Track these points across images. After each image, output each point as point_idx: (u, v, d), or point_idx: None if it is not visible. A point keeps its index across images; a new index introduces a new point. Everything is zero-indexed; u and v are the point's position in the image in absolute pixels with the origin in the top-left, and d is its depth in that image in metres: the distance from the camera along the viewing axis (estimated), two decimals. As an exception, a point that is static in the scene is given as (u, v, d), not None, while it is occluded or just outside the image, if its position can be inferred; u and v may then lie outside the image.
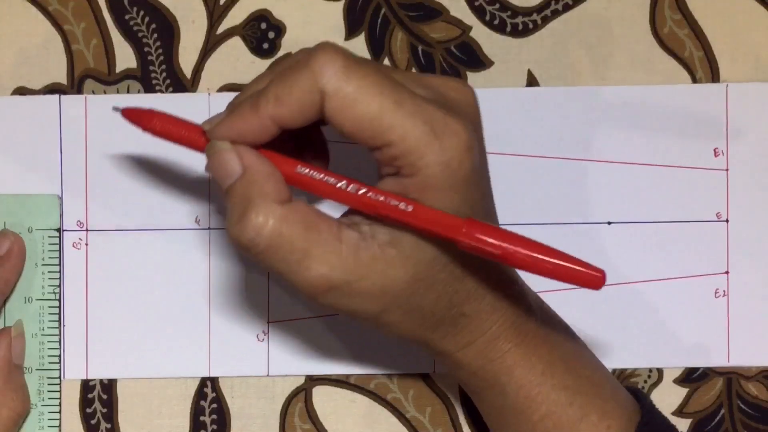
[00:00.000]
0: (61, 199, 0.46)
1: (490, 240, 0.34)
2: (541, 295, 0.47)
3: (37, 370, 0.46)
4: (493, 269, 0.38)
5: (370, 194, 0.35)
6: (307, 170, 0.36)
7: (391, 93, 0.34)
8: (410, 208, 0.34)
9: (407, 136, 0.34)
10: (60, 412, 0.46)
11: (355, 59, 0.34)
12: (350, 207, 0.36)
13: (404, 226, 0.35)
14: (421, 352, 0.47)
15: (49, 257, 0.46)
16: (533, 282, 0.40)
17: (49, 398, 0.46)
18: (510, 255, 0.34)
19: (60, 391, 0.46)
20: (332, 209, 0.37)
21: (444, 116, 0.34)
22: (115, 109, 0.38)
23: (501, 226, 0.36)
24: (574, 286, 0.34)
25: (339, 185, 0.35)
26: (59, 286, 0.46)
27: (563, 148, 0.47)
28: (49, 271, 0.46)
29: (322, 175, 0.36)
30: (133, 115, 0.38)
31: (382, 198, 0.35)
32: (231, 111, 0.36)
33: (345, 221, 0.36)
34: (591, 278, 0.34)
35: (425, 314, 0.37)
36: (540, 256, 0.34)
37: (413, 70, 0.47)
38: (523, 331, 0.39)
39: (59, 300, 0.46)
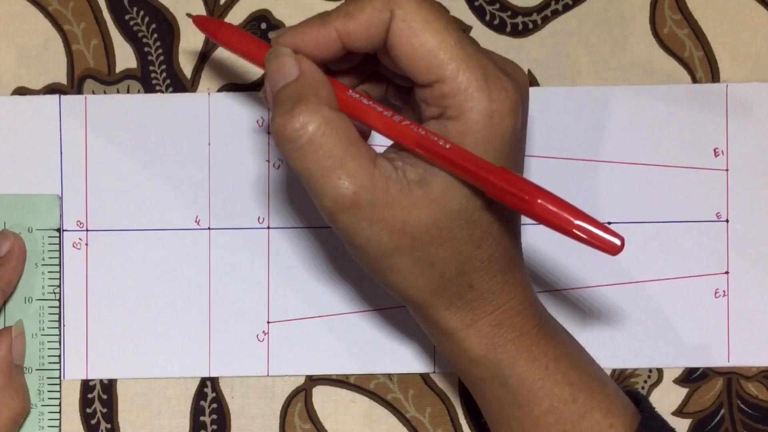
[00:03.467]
0: (61, 199, 0.46)
1: (519, 186, 0.34)
2: (541, 295, 0.47)
3: (37, 370, 0.46)
4: (508, 252, 0.38)
5: (412, 127, 0.36)
6: (358, 95, 0.37)
7: (455, 33, 0.35)
8: (448, 146, 0.35)
9: (460, 76, 0.35)
10: (60, 412, 0.46)
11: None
12: (392, 138, 0.37)
13: (439, 164, 0.35)
14: (421, 352, 0.47)
15: (49, 257, 0.46)
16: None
17: (49, 398, 0.46)
18: (535, 205, 0.34)
19: (60, 391, 0.46)
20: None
21: (498, 72, 0.36)
22: (188, 15, 0.42)
23: None
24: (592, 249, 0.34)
25: (385, 113, 0.36)
26: (59, 286, 0.46)
27: (563, 148, 0.47)
28: (49, 271, 0.46)
29: (370, 102, 0.37)
30: (202, 23, 0.40)
31: (422, 131, 0.36)
32: (299, 24, 0.37)
33: (384, 153, 0.37)
34: (609, 244, 0.34)
35: (434, 271, 0.37)
36: (562, 213, 0.34)
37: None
38: (528, 324, 0.39)
39: (59, 300, 0.46)
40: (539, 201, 0.34)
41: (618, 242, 0.34)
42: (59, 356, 0.46)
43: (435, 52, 0.35)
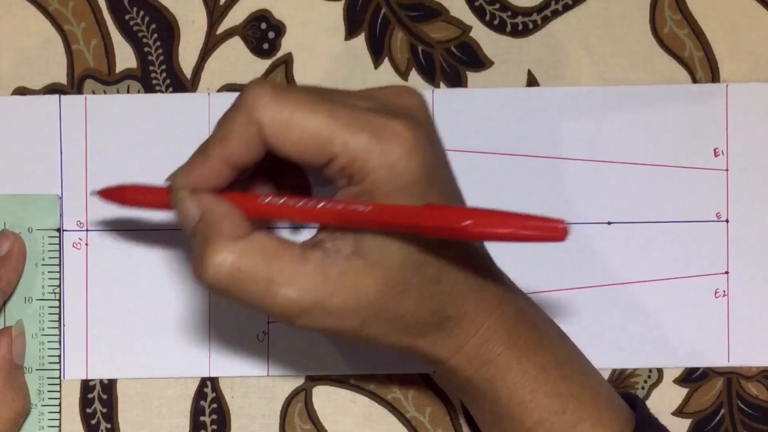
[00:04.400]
0: (61, 199, 0.46)
1: (446, 217, 0.34)
2: (541, 295, 0.47)
3: (37, 370, 0.46)
4: (472, 270, 0.38)
5: (329, 205, 0.36)
6: (269, 199, 0.37)
7: (324, 109, 0.35)
8: (369, 208, 0.35)
9: (348, 145, 0.35)
10: (60, 412, 0.46)
11: (283, 87, 0.35)
12: (317, 224, 0.37)
13: (368, 229, 0.35)
14: (421, 352, 0.47)
15: (49, 257, 0.46)
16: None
17: (49, 398, 0.46)
18: (468, 230, 0.33)
19: (60, 391, 0.46)
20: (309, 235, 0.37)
21: (383, 120, 0.35)
22: (92, 193, 0.41)
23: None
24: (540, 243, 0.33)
25: (299, 205, 0.36)
26: (59, 286, 0.46)
27: (563, 148, 0.47)
28: (49, 271, 0.46)
29: (283, 200, 0.36)
30: (107, 195, 0.40)
31: (341, 206, 0.35)
32: (186, 161, 0.37)
33: (309, 243, 0.37)
34: (553, 230, 0.33)
35: (408, 322, 0.37)
36: (495, 228, 0.33)
37: (413, 70, 0.47)
38: (515, 334, 0.39)
39: (59, 300, 0.46)
40: (467, 222, 0.33)
41: (561, 225, 0.32)
42: (59, 356, 0.46)
43: (314, 138, 0.35)
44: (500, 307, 0.39)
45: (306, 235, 0.38)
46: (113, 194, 0.40)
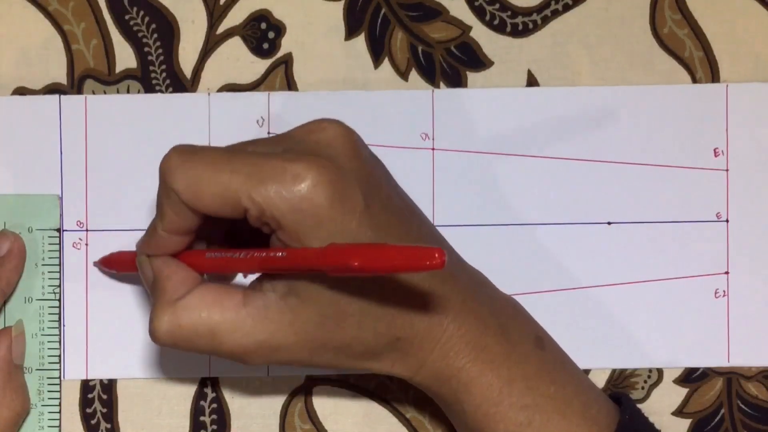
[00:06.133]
0: (61, 199, 0.46)
1: (336, 259, 0.34)
2: (540, 295, 0.47)
3: (37, 370, 0.46)
4: (421, 288, 0.38)
5: (255, 254, 0.37)
6: (214, 254, 0.39)
7: (227, 165, 0.36)
8: (284, 254, 0.36)
9: (253, 197, 0.36)
10: (60, 412, 0.46)
11: (189, 150, 0.37)
12: (248, 272, 0.40)
13: (289, 272, 0.37)
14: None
15: (49, 257, 0.46)
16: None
17: (49, 398, 0.46)
18: (358, 267, 0.34)
19: (60, 392, 0.46)
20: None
21: (284, 164, 0.35)
22: (95, 264, 0.46)
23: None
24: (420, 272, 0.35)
25: (235, 256, 0.38)
26: (59, 286, 0.46)
27: (563, 148, 0.47)
28: (49, 272, 0.46)
29: (224, 254, 0.38)
30: (106, 264, 0.46)
31: (263, 254, 0.37)
32: (144, 232, 0.40)
33: (250, 286, 0.38)
34: (430, 258, 0.33)
35: (356, 348, 0.38)
36: (380, 263, 0.33)
37: (413, 70, 0.47)
38: (477, 346, 0.39)
39: (59, 300, 0.46)
40: (355, 263, 0.33)
41: (437, 253, 0.32)
42: (59, 356, 0.46)
43: (223, 194, 0.36)
44: (457, 320, 0.39)
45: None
46: (106, 263, 0.45)
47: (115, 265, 0.45)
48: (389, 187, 0.39)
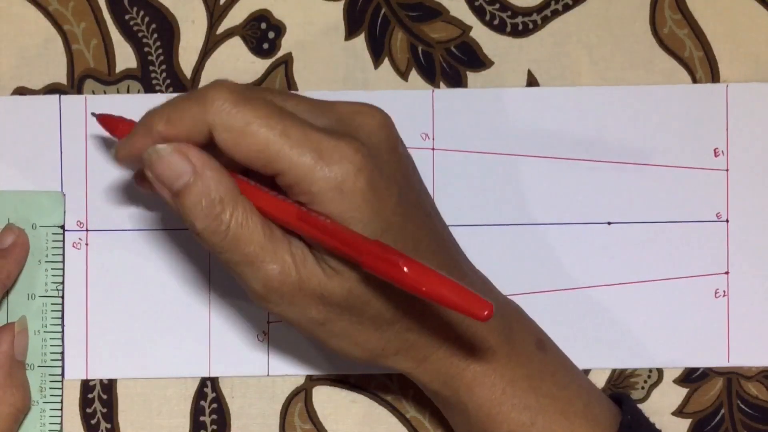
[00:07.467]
0: (64, 196, 0.46)
1: (388, 265, 0.34)
2: (540, 295, 0.47)
3: (39, 367, 0.46)
4: None
5: (297, 205, 0.36)
6: (252, 182, 0.37)
7: (278, 124, 0.35)
8: (328, 221, 0.35)
9: (294, 164, 0.35)
10: (62, 409, 0.46)
11: (245, 94, 0.36)
12: (275, 217, 0.37)
13: (317, 240, 0.36)
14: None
15: (53, 254, 0.46)
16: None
17: (51, 395, 0.46)
18: (406, 281, 0.34)
19: (62, 389, 0.46)
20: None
21: (334, 141, 0.35)
22: (93, 114, 0.42)
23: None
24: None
25: (273, 194, 0.37)
26: (62, 282, 0.46)
27: (563, 148, 0.47)
28: (52, 268, 0.46)
29: (255, 184, 0.37)
30: (104, 121, 0.41)
31: (304, 208, 0.36)
32: (130, 133, 0.37)
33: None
34: (479, 311, 0.33)
35: (368, 327, 0.38)
36: (429, 285, 0.34)
37: (413, 70, 0.47)
38: (483, 346, 0.39)
39: (62, 297, 0.46)
40: (404, 272, 0.33)
41: (487, 308, 0.33)
42: (61, 353, 0.46)
43: (264, 151, 0.35)
44: (465, 322, 0.39)
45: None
46: (109, 122, 0.41)
47: (116, 130, 0.41)
48: (418, 184, 0.39)
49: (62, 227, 0.46)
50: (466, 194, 0.47)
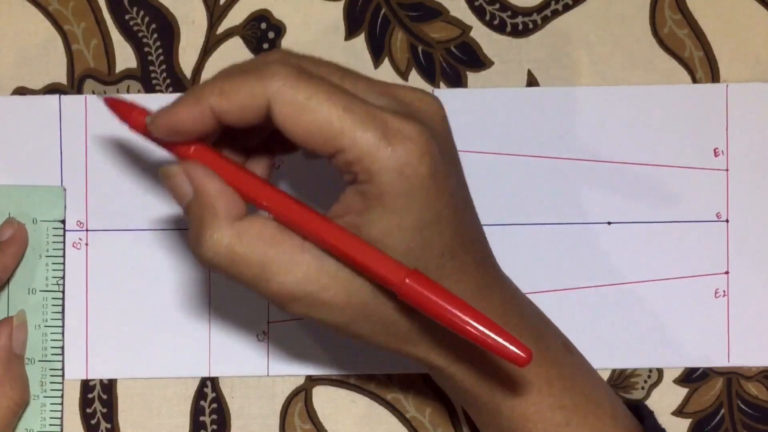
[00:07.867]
0: (65, 190, 0.46)
1: (426, 301, 0.34)
2: (541, 295, 0.47)
3: (39, 361, 0.46)
4: (472, 283, 0.38)
5: (327, 221, 0.35)
6: (272, 189, 0.36)
7: (341, 100, 0.34)
8: (362, 248, 0.35)
9: (357, 141, 0.34)
10: (62, 404, 0.46)
11: (307, 70, 0.35)
12: (313, 237, 0.36)
13: (346, 261, 0.35)
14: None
15: (54, 249, 0.46)
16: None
17: (52, 390, 0.46)
18: (444, 318, 0.34)
19: (63, 383, 0.46)
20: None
21: (398, 122, 0.34)
22: (98, 97, 0.40)
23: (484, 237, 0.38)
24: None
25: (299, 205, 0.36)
26: (63, 277, 0.46)
27: (563, 148, 0.47)
28: (53, 263, 0.46)
29: (283, 195, 0.36)
30: (113, 105, 0.38)
31: (337, 228, 0.35)
32: (174, 102, 0.36)
33: None
34: (517, 356, 0.34)
35: (399, 327, 0.37)
36: (471, 328, 0.34)
37: (413, 70, 0.47)
38: None
39: (62, 292, 0.46)
40: (451, 315, 0.33)
41: (526, 355, 0.33)
42: (62, 348, 0.46)
43: (326, 126, 0.34)
44: (503, 318, 0.38)
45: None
46: (120, 107, 0.38)
47: (128, 116, 0.38)
48: (464, 178, 0.38)
49: (63, 222, 0.46)
50: (466, 194, 0.47)
